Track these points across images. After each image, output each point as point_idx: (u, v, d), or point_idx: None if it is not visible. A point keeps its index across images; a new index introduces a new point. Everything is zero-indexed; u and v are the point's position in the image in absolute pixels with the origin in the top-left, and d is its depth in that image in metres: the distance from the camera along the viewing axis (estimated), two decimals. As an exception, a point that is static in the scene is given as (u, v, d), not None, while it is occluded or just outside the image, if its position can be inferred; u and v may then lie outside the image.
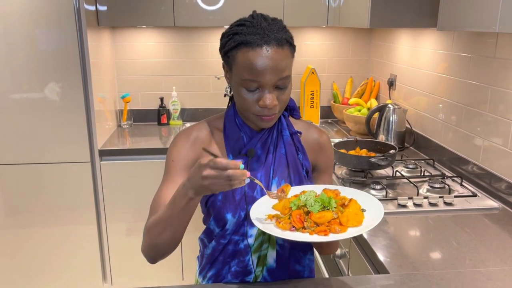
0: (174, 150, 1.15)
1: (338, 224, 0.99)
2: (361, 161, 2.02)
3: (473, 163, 1.97)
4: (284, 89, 1.07)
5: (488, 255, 1.36)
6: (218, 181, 0.91)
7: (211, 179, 0.91)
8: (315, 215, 0.99)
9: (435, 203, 1.73)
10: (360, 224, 1.00)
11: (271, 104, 1.05)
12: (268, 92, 1.04)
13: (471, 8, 1.43)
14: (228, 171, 0.90)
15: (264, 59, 1.02)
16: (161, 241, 1.06)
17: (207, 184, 0.92)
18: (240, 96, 1.07)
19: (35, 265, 2.61)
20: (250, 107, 1.07)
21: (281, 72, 1.04)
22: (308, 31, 3.12)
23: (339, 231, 0.97)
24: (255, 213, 1.04)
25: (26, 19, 2.28)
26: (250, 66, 1.02)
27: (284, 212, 1.04)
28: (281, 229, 0.99)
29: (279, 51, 1.03)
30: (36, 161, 2.46)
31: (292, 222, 1.00)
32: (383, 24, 2.11)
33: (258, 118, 1.09)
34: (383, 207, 1.03)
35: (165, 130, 2.99)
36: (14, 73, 2.34)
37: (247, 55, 1.02)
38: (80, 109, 2.42)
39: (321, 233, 0.97)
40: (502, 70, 1.77)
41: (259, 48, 1.02)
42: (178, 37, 3.05)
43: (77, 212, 2.56)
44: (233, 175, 0.90)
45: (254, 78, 1.03)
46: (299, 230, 0.99)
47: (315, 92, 3.01)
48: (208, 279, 1.21)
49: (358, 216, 1.01)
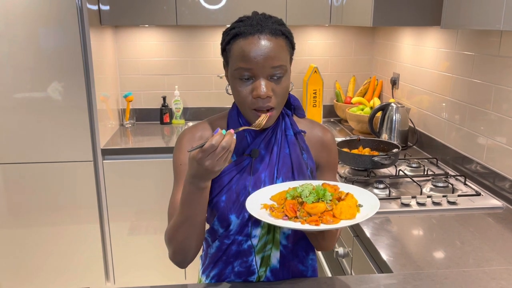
0: (180, 153, 1.15)
1: (331, 216, 0.99)
2: (364, 160, 2.01)
3: (477, 162, 1.96)
4: (279, 80, 1.05)
5: (492, 254, 1.35)
6: (218, 158, 0.94)
7: (211, 160, 0.94)
8: (308, 206, 1.00)
9: (439, 202, 1.72)
10: (353, 218, 1.00)
11: (265, 94, 1.03)
12: (262, 82, 1.04)
13: (475, 6, 1.42)
14: (221, 144, 0.93)
15: (256, 46, 1.02)
16: (187, 244, 1.08)
17: (210, 167, 0.94)
18: (235, 89, 1.07)
19: (38, 263, 2.61)
20: (245, 99, 1.06)
21: (274, 60, 1.03)
22: (310, 30, 3.11)
23: (331, 222, 0.98)
24: (251, 201, 1.05)
25: (29, 18, 2.28)
26: (243, 53, 1.03)
27: (280, 203, 1.05)
28: (274, 217, 1.00)
29: (272, 40, 1.03)
30: (39, 160, 2.47)
31: (285, 211, 1.01)
32: (386, 23, 2.10)
33: (254, 114, 1.07)
34: (379, 203, 1.03)
35: (167, 129, 2.99)
36: (17, 72, 2.34)
37: (240, 45, 1.04)
38: (83, 108, 2.42)
39: (312, 223, 0.97)
40: (506, 68, 1.77)
41: (251, 37, 1.03)
42: (181, 36, 3.05)
43: (79, 211, 2.56)
44: (225, 145, 0.93)
45: (246, 65, 1.03)
46: (291, 219, 1.00)
47: (318, 91, 3.00)
48: (211, 278, 1.21)
49: (352, 209, 1.01)
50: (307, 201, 1.01)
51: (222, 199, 1.13)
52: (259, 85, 1.03)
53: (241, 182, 1.12)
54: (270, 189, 1.10)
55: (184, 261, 1.13)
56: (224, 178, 1.12)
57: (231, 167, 1.13)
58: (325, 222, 0.98)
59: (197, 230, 1.07)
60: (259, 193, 1.09)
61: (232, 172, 1.13)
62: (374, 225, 1.55)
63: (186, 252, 1.10)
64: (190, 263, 1.14)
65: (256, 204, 1.05)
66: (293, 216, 1.00)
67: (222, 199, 1.13)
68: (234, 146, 0.95)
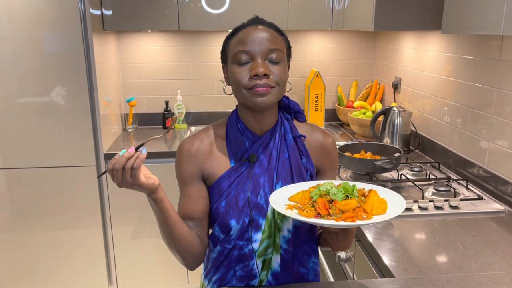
0: (178, 167, 1.18)
1: (363, 212, 1.00)
2: (366, 164, 2.01)
3: (479, 166, 1.96)
4: (276, 64, 1.08)
5: (494, 258, 1.35)
6: (121, 178, 0.99)
7: (117, 181, 1.00)
8: (340, 203, 1.00)
9: (441, 206, 1.72)
10: (384, 212, 1.01)
11: (262, 72, 1.05)
12: (259, 61, 1.06)
13: (475, 11, 1.42)
14: (114, 166, 0.98)
15: (253, 31, 1.08)
16: (176, 252, 1.13)
17: (123, 186, 1.00)
18: (233, 74, 1.09)
19: (41, 268, 2.62)
20: (242, 79, 1.07)
21: (270, 43, 1.07)
22: (312, 35, 3.12)
23: (365, 218, 0.98)
24: (274, 203, 1.04)
25: (32, 23, 2.30)
26: (241, 39, 1.08)
27: (303, 202, 1.04)
28: (305, 216, 0.99)
29: (269, 30, 1.10)
30: (42, 165, 2.48)
31: (318, 209, 1.00)
32: (387, 27, 2.10)
33: (251, 94, 1.07)
34: (404, 200, 1.04)
35: (170, 134, 3.00)
36: (20, 77, 2.36)
37: (238, 35, 1.10)
38: (86, 113, 2.44)
39: (348, 219, 0.97)
40: (507, 72, 1.77)
41: (249, 26, 1.10)
42: (183, 41, 3.06)
43: (82, 216, 2.57)
44: (117, 167, 0.98)
45: (243, 48, 1.07)
46: (325, 217, 1.00)
47: (320, 95, 3.01)
48: (214, 283, 1.22)
49: (382, 204, 1.02)
50: (337, 199, 1.01)
51: (222, 205, 1.13)
52: (256, 64, 1.06)
53: (240, 187, 1.13)
54: (283, 191, 1.10)
55: (188, 266, 1.17)
56: (223, 184, 1.13)
57: (230, 173, 1.14)
58: (359, 218, 0.98)
59: (175, 240, 1.10)
60: (277, 193, 1.09)
61: (231, 178, 1.13)
62: (376, 229, 1.56)
63: (182, 258, 1.14)
64: (197, 266, 1.17)
65: (279, 206, 1.04)
66: (326, 214, 1.00)
67: (222, 204, 1.13)
68: (138, 162, 0.98)
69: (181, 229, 1.10)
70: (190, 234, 1.12)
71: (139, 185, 1.00)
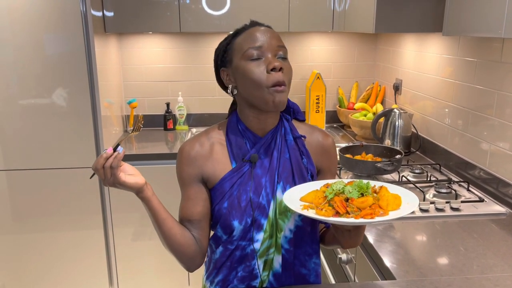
0: (178, 169, 1.18)
1: (379, 208, 1.01)
2: (367, 166, 2.01)
3: (480, 168, 1.96)
4: (285, 60, 1.12)
5: (495, 261, 1.35)
6: (104, 177, 1.03)
7: (103, 180, 1.05)
8: (357, 200, 1.01)
9: (442, 208, 1.72)
10: (399, 208, 1.02)
11: (279, 65, 1.07)
12: (271, 57, 1.09)
13: (476, 13, 1.43)
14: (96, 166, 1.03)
15: (260, 29, 1.11)
16: (173, 253, 1.14)
17: (108, 185, 1.05)
18: (248, 73, 1.09)
19: (42, 269, 2.62)
20: (262, 79, 1.08)
21: (278, 40, 1.12)
22: (313, 36, 3.13)
23: (382, 214, 1.00)
24: (290, 203, 1.05)
25: (34, 25, 2.30)
26: (250, 36, 1.10)
27: (317, 202, 1.05)
28: (324, 216, 1.00)
29: (272, 29, 1.14)
30: (43, 167, 2.48)
31: (336, 207, 1.01)
32: (388, 29, 2.11)
33: (272, 92, 1.08)
34: (416, 196, 1.05)
35: (171, 135, 3.00)
36: (22, 79, 2.36)
37: (245, 34, 1.11)
38: (87, 115, 2.44)
39: (367, 216, 0.98)
40: (508, 74, 1.77)
41: (253, 26, 1.13)
42: (184, 42, 3.07)
43: (83, 217, 2.57)
44: (98, 166, 1.02)
45: (255, 44, 1.09)
46: (343, 215, 1.00)
47: (321, 97, 3.01)
48: (216, 284, 1.22)
49: (397, 199, 1.03)
50: (353, 196, 1.02)
51: (224, 206, 1.14)
52: (271, 59, 1.09)
53: (242, 188, 1.13)
54: (294, 192, 1.10)
55: (185, 267, 1.18)
56: (225, 185, 1.14)
57: (231, 174, 1.14)
58: (377, 214, 0.99)
59: (166, 238, 1.12)
60: (289, 193, 1.10)
61: (233, 179, 1.14)
62: (377, 231, 1.56)
63: (177, 258, 1.16)
64: (195, 268, 1.18)
65: (296, 207, 1.04)
66: (344, 212, 1.01)
67: (224, 205, 1.13)
68: (115, 161, 1.02)
69: (172, 229, 1.12)
70: (183, 235, 1.13)
71: (120, 184, 1.04)
